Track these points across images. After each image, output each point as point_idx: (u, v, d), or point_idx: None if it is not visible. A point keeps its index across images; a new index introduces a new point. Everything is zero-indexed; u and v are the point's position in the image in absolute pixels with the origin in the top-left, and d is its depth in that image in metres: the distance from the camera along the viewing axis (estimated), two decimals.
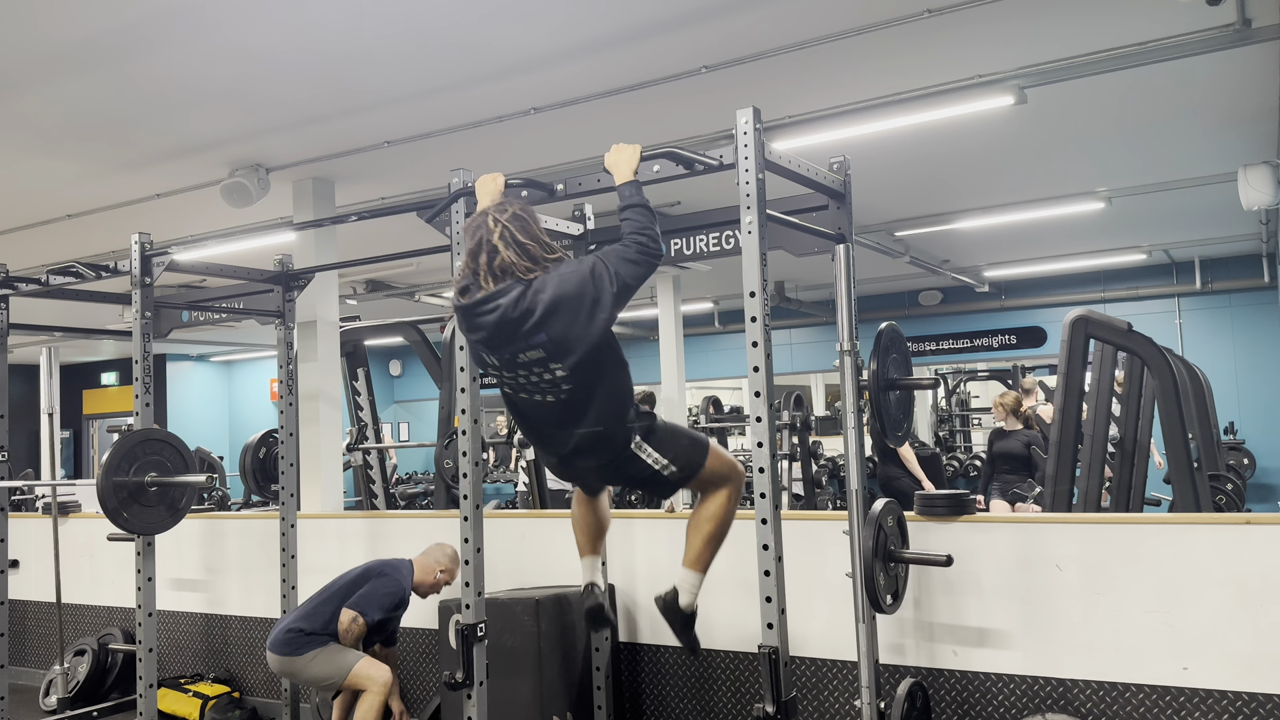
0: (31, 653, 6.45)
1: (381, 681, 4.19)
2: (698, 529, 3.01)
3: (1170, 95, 5.49)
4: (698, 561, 3.01)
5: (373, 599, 4.32)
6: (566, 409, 2.81)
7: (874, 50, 4.60)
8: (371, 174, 6.33)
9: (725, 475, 3.03)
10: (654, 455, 2.93)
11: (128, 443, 4.19)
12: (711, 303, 13.01)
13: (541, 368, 2.76)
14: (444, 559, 4.51)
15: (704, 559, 3.02)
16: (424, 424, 15.81)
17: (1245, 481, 8.81)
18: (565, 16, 4.17)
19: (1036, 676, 3.58)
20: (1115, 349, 5.18)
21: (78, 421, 16.94)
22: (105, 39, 4.22)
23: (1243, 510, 6.88)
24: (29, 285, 4.75)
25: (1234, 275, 10.87)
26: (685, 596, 3.02)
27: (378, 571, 4.42)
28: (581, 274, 2.75)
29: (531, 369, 2.78)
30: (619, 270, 2.75)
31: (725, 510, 3.02)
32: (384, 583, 4.37)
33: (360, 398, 7.34)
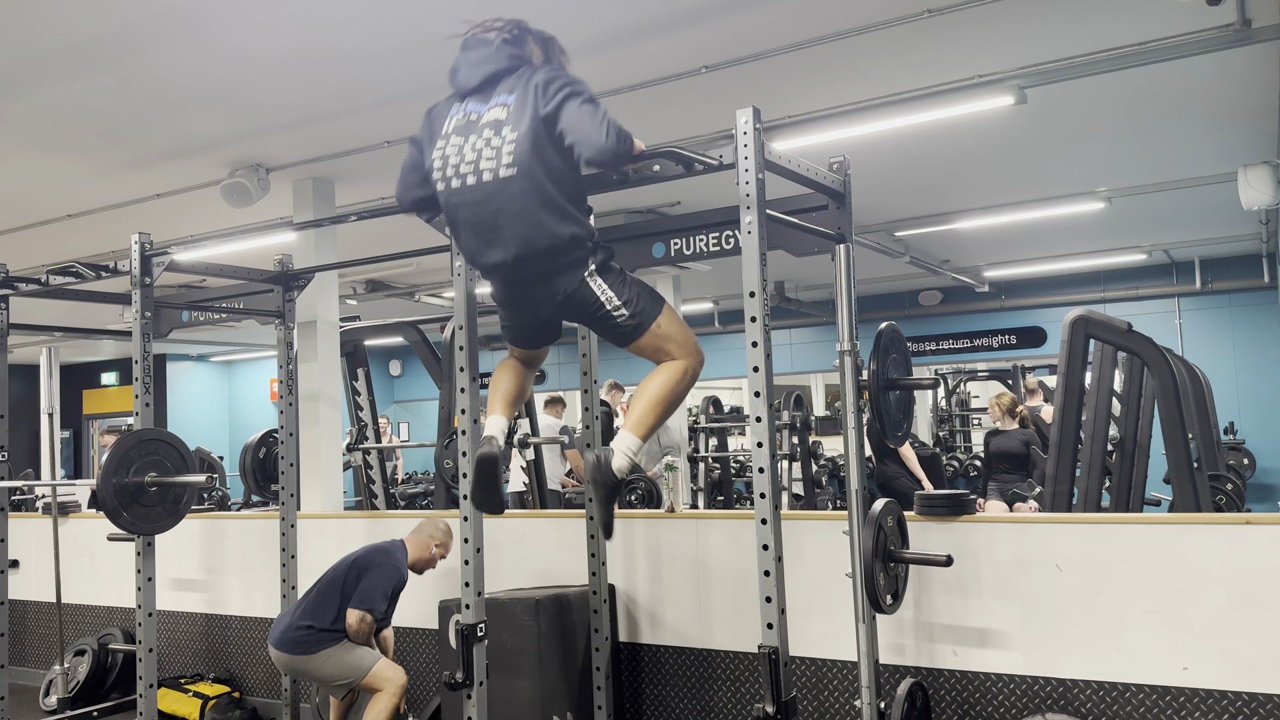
0: (31, 653, 6.45)
1: (399, 684, 4.18)
2: (644, 392, 2.88)
3: (1170, 95, 5.49)
4: (638, 425, 2.86)
5: (376, 591, 4.27)
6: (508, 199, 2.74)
7: (874, 50, 4.60)
8: (371, 174, 6.34)
9: (683, 344, 2.91)
10: (607, 291, 2.83)
11: (127, 443, 4.19)
12: (711, 303, 13.02)
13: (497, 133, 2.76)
14: (438, 533, 4.48)
15: (645, 424, 2.86)
16: (424, 424, 15.81)
17: (1245, 481, 8.80)
18: (565, 16, 4.17)
19: (1036, 676, 3.58)
20: (1115, 349, 5.18)
21: (78, 421, 16.94)
22: (105, 39, 4.22)
23: (1243, 510, 6.88)
24: (29, 285, 4.75)
25: (1234, 275, 10.87)
26: (619, 459, 2.84)
27: (374, 560, 4.36)
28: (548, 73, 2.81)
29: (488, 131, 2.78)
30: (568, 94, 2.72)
31: (679, 380, 2.88)
32: (384, 572, 4.32)
33: (360, 398, 7.34)
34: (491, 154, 2.78)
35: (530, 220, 2.75)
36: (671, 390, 2.88)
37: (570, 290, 2.83)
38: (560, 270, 2.81)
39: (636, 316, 2.87)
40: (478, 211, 2.82)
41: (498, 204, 2.77)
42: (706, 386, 14.22)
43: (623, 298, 2.85)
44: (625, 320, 2.86)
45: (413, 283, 10.56)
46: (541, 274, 2.83)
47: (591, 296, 2.84)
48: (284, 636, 4.28)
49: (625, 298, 2.85)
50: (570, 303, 2.86)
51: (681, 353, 2.92)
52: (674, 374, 2.89)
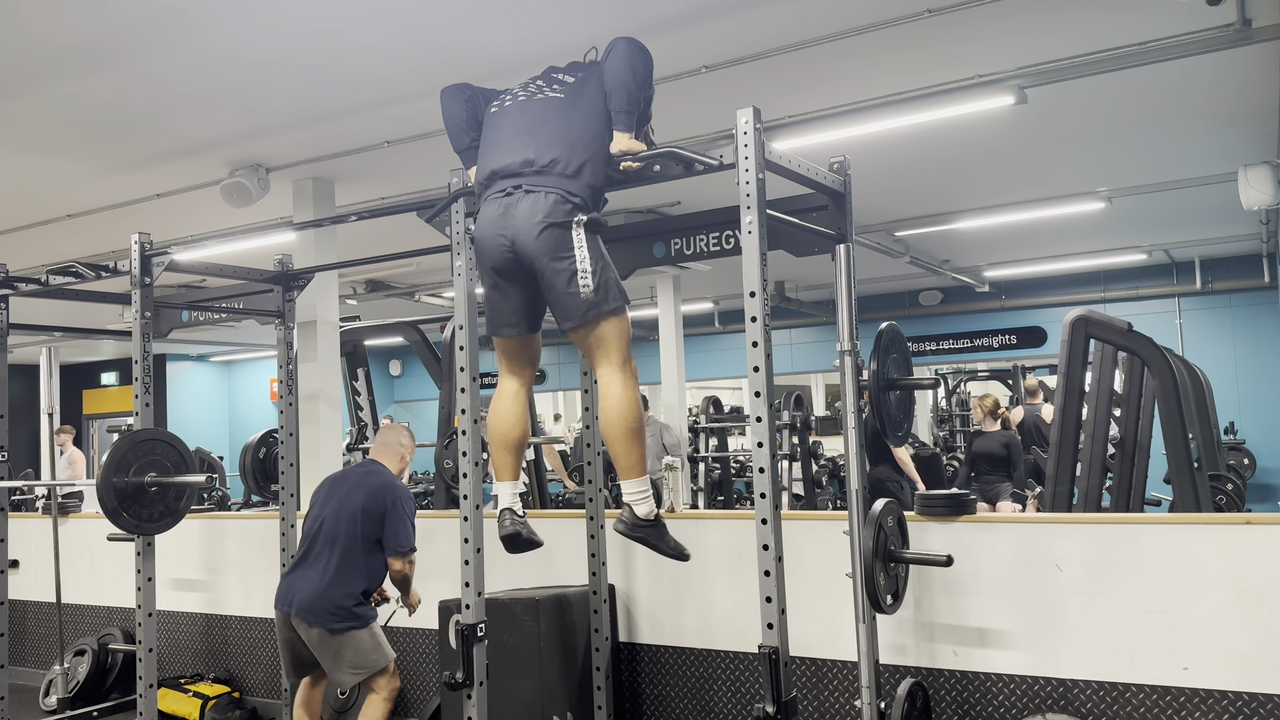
0: (31, 653, 6.45)
1: (393, 689, 4.07)
2: (615, 433, 2.82)
3: (1170, 95, 5.49)
4: (631, 467, 2.84)
5: (405, 529, 4.10)
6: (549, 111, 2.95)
7: (874, 50, 4.60)
8: (371, 174, 6.34)
9: (623, 352, 2.86)
10: (583, 249, 2.81)
11: (127, 443, 4.19)
12: (711, 303, 13.02)
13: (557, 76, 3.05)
14: (407, 440, 4.37)
15: (636, 460, 2.83)
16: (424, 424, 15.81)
17: (1245, 481, 8.81)
18: (565, 16, 4.17)
19: (1036, 676, 3.58)
20: (1115, 349, 5.18)
21: (78, 421, 16.94)
22: (105, 39, 4.22)
23: (1243, 510, 6.88)
24: (29, 285, 4.75)
25: (1234, 275, 10.87)
26: (641, 507, 2.84)
27: (383, 500, 4.12)
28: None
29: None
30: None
31: (632, 399, 2.83)
32: (400, 507, 4.12)
33: (360, 398, 7.35)
34: (549, 86, 3.03)
35: (561, 129, 2.89)
36: (632, 415, 2.84)
37: (553, 221, 2.80)
38: (555, 195, 2.82)
39: (599, 293, 2.81)
40: (521, 116, 2.99)
41: (541, 112, 2.95)
42: (706, 386, 14.23)
43: (594, 267, 2.81)
44: (587, 291, 2.79)
45: (413, 283, 10.56)
46: (540, 187, 2.84)
47: (567, 243, 2.80)
48: (316, 606, 3.96)
49: (595, 269, 2.81)
50: (546, 240, 2.80)
51: (619, 359, 2.87)
52: (624, 398, 2.84)
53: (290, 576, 4.10)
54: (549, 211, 2.82)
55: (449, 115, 3.22)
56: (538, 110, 2.97)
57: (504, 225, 2.88)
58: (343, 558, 4.04)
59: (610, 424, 2.84)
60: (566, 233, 2.81)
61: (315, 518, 4.15)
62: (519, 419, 3.10)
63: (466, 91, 3.22)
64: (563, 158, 2.86)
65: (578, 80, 3.03)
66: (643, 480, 2.84)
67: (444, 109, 3.23)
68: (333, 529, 4.08)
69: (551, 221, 2.81)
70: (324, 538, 4.09)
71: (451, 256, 3.40)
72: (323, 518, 4.12)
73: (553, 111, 2.95)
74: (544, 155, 2.87)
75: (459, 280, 3.36)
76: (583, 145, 2.90)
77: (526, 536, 3.07)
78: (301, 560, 4.11)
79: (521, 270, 2.92)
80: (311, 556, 4.09)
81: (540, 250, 2.82)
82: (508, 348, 3.11)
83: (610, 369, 2.87)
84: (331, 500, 4.15)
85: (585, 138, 2.91)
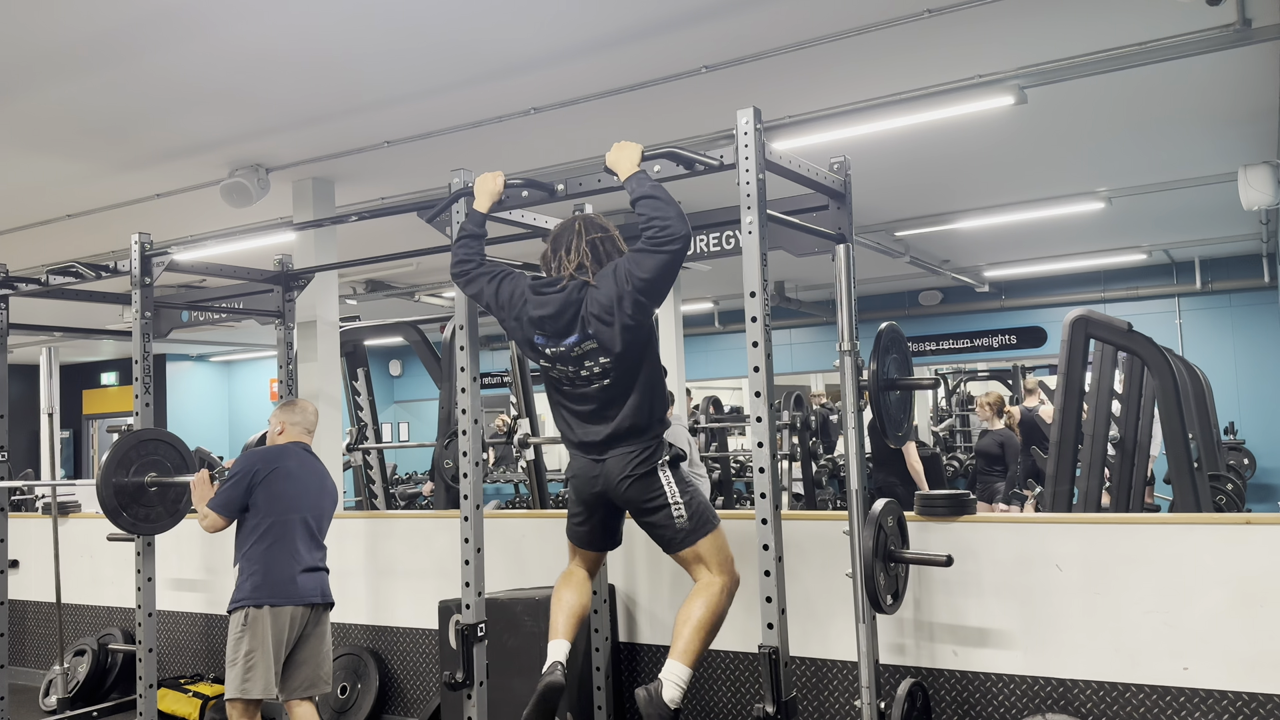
0: (31, 653, 6.45)
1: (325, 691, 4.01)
2: (689, 617, 2.91)
3: (1170, 95, 5.49)
4: (686, 653, 2.87)
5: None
6: (607, 396, 2.97)
7: (874, 50, 4.60)
8: (371, 174, 6.34)
9: (724, 565, 2.99)
10: (673, 488, 2.96)
11: (127, 443, 4.19)
12: (711, 303, 13.02)
13: (592, 361, 2.95)
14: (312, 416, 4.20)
15: (693, 651, 2.88)
16: (424, 424, 15.81)
17: (1245, 481, 8.81)
18: (565, 16, 4.17)
19: (1036, 676, 3.58)
20: (1115, 349, 5.18)
21: (78, 421, 16.94)
22: (105, 39, 4.22)
23: (1243, 510, 6.88)
24: (29, 285, 4.75)
25: (1234, 275, 10.87)
26: (671, 690, 2.83)
27: (327, 477, 4.12)
28: (611, 274, 2.93)
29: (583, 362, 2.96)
30: (633, 270, 2.88)
31: (721, 603, 2.95)
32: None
33: (360, 398, 7.35)
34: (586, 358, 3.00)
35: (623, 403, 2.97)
36: (715, 615, 2.94)
37: (641, 473, 2.95)
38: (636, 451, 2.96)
39: (693, 520, 2.96)
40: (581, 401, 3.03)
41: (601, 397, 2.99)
42: (707, 386, 14.23)
43: (684, 499, 2.95)
44: (681, 522, 2.95)
45: (413, 283, 10.56)
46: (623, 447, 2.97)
47: (657, 485, 2.96)
48: (320, 584, 3.90)
49: (685, 499, 2.96)
50: (636, 489, 2.96)
51: (720, 572, 2.98)
52: (716, 597, 2.95)
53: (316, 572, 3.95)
54: (635, 466, 2.96)
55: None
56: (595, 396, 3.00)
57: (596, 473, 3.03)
58: (314, 538, 4.00)
59: (691, 609, 2.94)
60: (654, 477, 2.96)
61: (298, 507, 3.93)
62: (586, 596, 3.25)
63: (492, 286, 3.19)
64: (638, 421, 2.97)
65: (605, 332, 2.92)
66: (688, 672, 2.89)
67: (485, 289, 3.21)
68: (302, 513, 3.95)
69: (639, 474, 2.96)
70: (320, 530, 4.02)
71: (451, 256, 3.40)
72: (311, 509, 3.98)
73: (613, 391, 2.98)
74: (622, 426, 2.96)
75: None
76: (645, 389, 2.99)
77: (559, 697, 3.09)
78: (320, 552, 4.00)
79: (613, 506, 3.11)
80: (324, 548, 4.03)
81: (632, 498, 3.00)
82: (584, 555, 3.27)
83: (711, 576, 2.98)
84: (308, 494, 3.99)
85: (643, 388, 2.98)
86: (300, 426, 4.12)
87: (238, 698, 3.78)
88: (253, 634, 3.77)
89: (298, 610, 3.83)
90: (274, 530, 3.84)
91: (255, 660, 3.75)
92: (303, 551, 3.89)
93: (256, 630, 3.77)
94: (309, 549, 3.92)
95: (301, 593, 3.84)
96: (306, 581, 3.86)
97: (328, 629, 4.00)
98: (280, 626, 3.81)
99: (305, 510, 3.94)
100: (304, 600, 3.84)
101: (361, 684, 4.99)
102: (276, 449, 4.02)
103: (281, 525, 3.86)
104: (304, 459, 4.04)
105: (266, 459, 3.93)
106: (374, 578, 5.16)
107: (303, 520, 3.92)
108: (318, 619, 3.93)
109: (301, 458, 4.03)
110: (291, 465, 3.96)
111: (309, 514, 3.96)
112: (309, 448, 4.11)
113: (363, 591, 5.18)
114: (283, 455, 3.98)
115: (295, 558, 3.86)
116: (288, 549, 3.85)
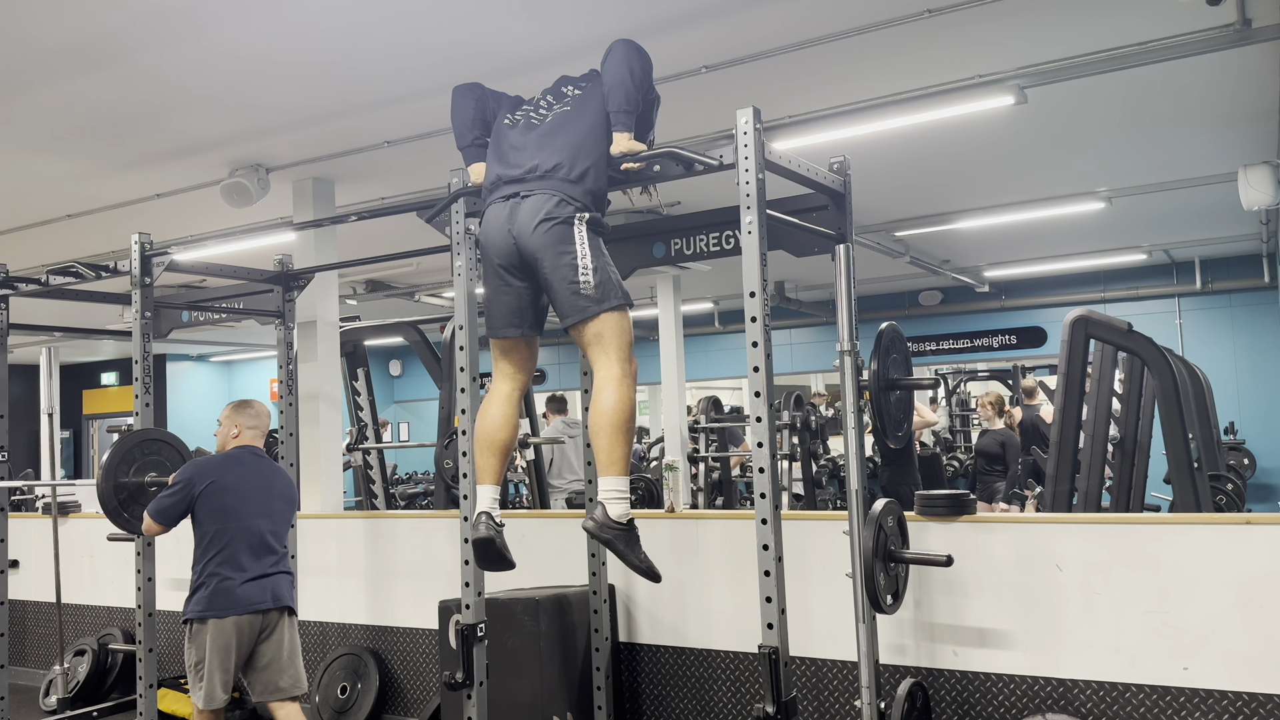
0: (31, 653, 6.46)
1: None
2: (601, 426, 2.77)
3: (1171, 95, 5.49)
4: (613, 463, 2.77)
5: None
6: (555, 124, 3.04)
7: (874, 50, 4.60)
8: (371, 174, 6.33)
9: (623, 350, 2.84)
10: (585, 250, 2.83)
11: (128, 443, 4.19)
12: (711, 303, 13.01)
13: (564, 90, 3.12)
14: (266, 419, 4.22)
15: (619, 457, 2.78)
16: (424, 424, 15.81)
17: (1245, 481, 8.81)
18: (565, 16, 4.17)
19: (1036, 676, 3.58)
20: (1115, 349, 5.18)
21: (78, 421, 16.94)
22: (105, 39, 4.22)
23: (1243, 510, 6.88)
24: (29, 285, 4.75)
25: (1234, 275, 10.87)
26: (615, 507, 2.78)
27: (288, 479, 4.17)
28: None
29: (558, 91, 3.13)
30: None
31: (626, 396, 2.79)
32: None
33: (360, 398, 7.35)
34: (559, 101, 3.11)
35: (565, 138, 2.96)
36: (621, 411, 2.79)
37: (556, 217, 2.84)
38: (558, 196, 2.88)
39: (600, 289, 2.82)
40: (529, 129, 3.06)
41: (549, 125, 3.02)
42: (706, 386, 14.23)
43: (594, 264, 2.83)
44: (587, 287, 2.80)
45: (413, 283, 10.56)
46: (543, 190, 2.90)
47: (569, 238, 2.84)
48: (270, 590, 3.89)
49: (596, 265, 2.83)
50: (548, 235, 2.83)
51: (618, 356, 2.84)
52: (617, 394, 2.80)
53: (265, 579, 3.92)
54: (552, 210, 2.87)
55: (457, 110, 3.29)
56: (545, 124, 3.06)
57: (509, 223, 2.92)
58: (277, 539, 4.01)
59: (597, 415, 2.80)
60: (569, 228, 2.85)
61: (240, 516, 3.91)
62: (507, 422, 3.06)
63: (477, 91, 3.30)
64: (566, 163, 2.93)
65: (584, 91, 3.10)
66: (621, 480, 2.79)
67: (454, 104, 3.30)
68: (268, 518, 3.99)
69: (554, 218, 2.86)
70: (273, 535, 3.99)
71: (451, 256, 3.40)
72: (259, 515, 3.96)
73: (559, 123, 3.03)
74: (548, 162, 2.94)
75: (459, 280, 3.37)
76: (585, 151, 2.96)
77: (499, 547, 2.98)
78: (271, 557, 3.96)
79: (525, 267, 2.94)
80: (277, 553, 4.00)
81: (542, 244, 2.85)
82: (505, 348, 3.10)
83: (608, 366, 2.84)
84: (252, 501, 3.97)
85: (588, 144, 2.98)
86: (255, 430, 4.14)
87: (194, 704, 3.86)
88: (198, 646, 3.81)
89: (243, 619, 3.83)
90: (216, 542, 3.86)
91: (204, 671, 3.80)
92: (246, 561, 3.88)
93: (201, 642, 3.80)
94: (255, 557, 3.91)
95: (245, 602, 3.84)
96: (251, 591, 3.86)
97: (290, 631, 3.97)
98: (226, 637, 3.80)
99: (250, 518, 3.92)
100: (249, 609, 3.84)
101: (361, 684, 4.99)
102: (219, 459, 4.03)
103: (224, 537, 3.87)
104: (251, 465, 4.03)
105: (202, 472, 3.93)
106: (374, 578, 5.16)
107: (246, 529, 3.90)
108: (272, 623, 3.92)
109: (248, 464, 4.03)
110: (232, 476, 3.95)
111: (255, 520, 3.93)
112: (259, 451, 4.12)
113: (363, 591, 5.18)
114: (224, 466, 3.98)
115: (239, 569, 3.86)
116: (231, 561, 3.86)
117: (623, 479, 2.79)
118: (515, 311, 3.02)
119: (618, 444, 2.77)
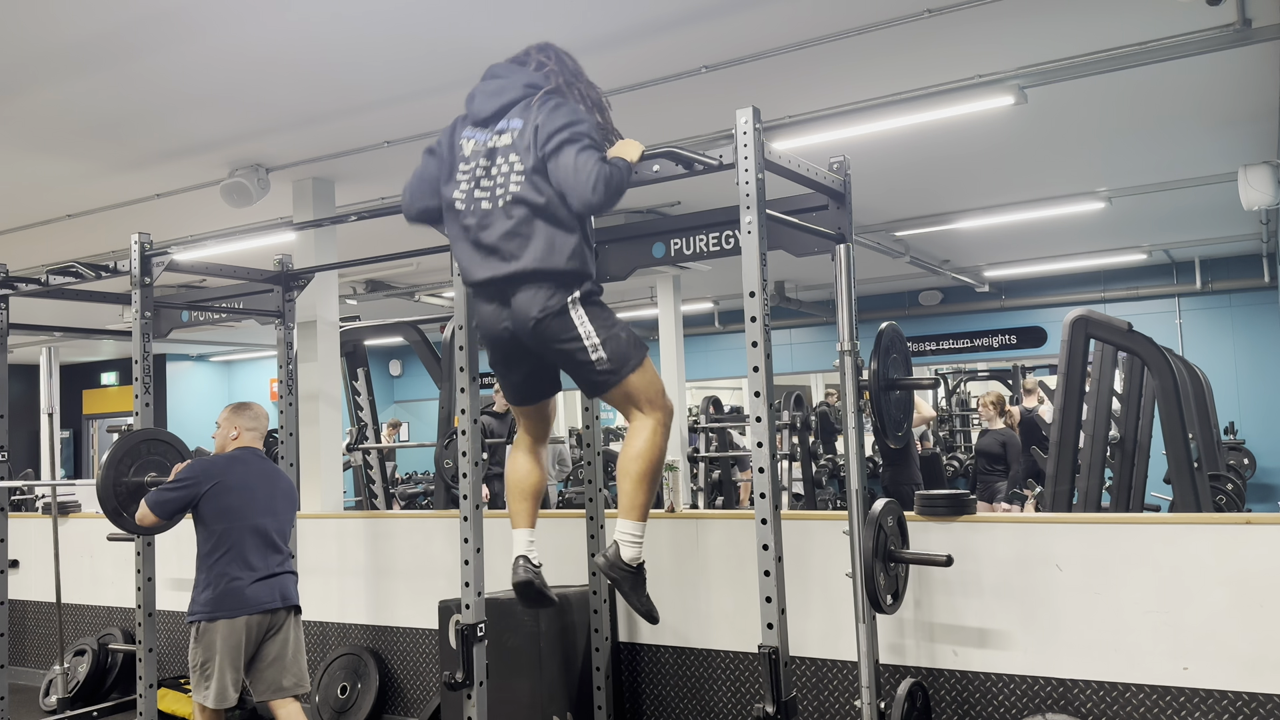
0: (31, 653, 6.45)
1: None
2: (627, 471, 2.82)
3: (1170, 95, 5.49)
4: (634, 509, 2.82)
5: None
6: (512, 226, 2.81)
7: (874, 50, 4.60)
8: (371, 174, 6.34)
9: (653, 400, 2.86)
10: (589, 329, 2.79)
11: (128, 443, 4.19)
12: (711, 303, 13.02)
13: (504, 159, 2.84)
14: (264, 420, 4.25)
15: (640, 504, 2.82)
16: (424, 424, 15.81)
17: (1245, 481, 8.81)
18: (565, 16, 4.17)
19: (1036, 676, 3.58)
20: (1115, 349, 5.18)
21: (78, 421, 16.94)
22: (105, 39, 4.22)
23: (1243, 510, 6.88)
24: (29, 285, 4.75)
25: (1234, 275, 10.87)
26: (628, 550, 2.82)
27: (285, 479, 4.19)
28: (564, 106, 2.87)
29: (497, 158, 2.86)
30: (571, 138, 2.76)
31: (655, 445, 2.83)
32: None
33: (360, 398, 7.35)
34: (502, 180, 2.85)
35: (531, 235, 2.80)
36: (653, 459, 2.84)
37: (549, 312, 2.79)
38: (546, 289, 2.80)
39: (614, 360, 2.82)
40: (483, 230, 2.87)
41: (509, 226, 2.82)
42: (706, 386, 14.23)
43: (601, 338, 2.80)
44: (602, 363, 2.80)
45: (413, 283, 10.56)
46: (529, 285, 2.81)
47: (569, 326, 2.80)
48: (278, 589, 3.91)
49: (602, 338, 2.81)
50: (546, 330, 2.80)
51: (651, 409, 2.87)
52: (650, 439, 2.84)
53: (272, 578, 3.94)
54: (542, 306, 2.81)
55: (421, 177, 3.15)
56: (501, 219, 2.84)
57: (506, 320, 2.90)
58: (278, 540, 4.02)
59: (626, 461, 2.85)
60: (566, 318, 2.81)
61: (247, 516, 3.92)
62: (531, 469, 3.16)
63: (429, 163, 3.14)
64: (543, 253, 2.80)
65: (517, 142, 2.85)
66: (639, 525, 2.84)
67: (421, 168, 3.16)
68: (270, 517, 3.99)
69: (549, 311, 2.81)
70: (279, 534, 4.02)
71: (451, 257, 3.40)
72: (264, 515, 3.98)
73: (518, 218, 2.82)
74: (527, 265, 2.80)
75: (459, 280, 3.37)
76: (562, 230, 2.81)
77: (539, 587, 3.07)
78: (278, 556, 3.99)
79: (528, 352, 2.96)
80: (283, 552, 4.03)
81: (545, 339, 2.86)
82: (523, 412, 3.18)
83: (641, 417, 2.89)
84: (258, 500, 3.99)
85: (554, 220, 2.81)
86: (255, 432, 4.16)
87: (198, 704, 3.86)
88: (206, 646, 3.81)
89: (253, 618, 3.85)
90: (224, 542, 3.86)
91: (210, 670, 3.79)
92: (254, 560, 3.89)
93: (210, 642, 3.80)
94: (262, 556, 3.92)
95: (255, 602, 3.85)
96: (259, 590, 3.87)
97: (295, 630, 3.99)
98: (235, 636, 3.81)
99: (256, 517, 3.94)
100: (258, 609, 3.85)
101: (361, 684, 4.99)
102: (225, 459, 4.04)
103: (231, 536, 3.87)
104: (254, 465, 4.05)
105: (208, 472, 3.93)
106: (374, 578, 5.16)
107: (253, 529, 3.91)
108: (280, 622, 3.94)
109: (251, 464, 4.04)
110: (237, 476, 3.96)
111: (262, 520, 3.95)
112: (260, 452, 4.14)
113: (363, 591, 5.18)
114: (229, 466, 3.99)
115: (247, 568, 3.87)
116: (239, 560, 3.86)
117: (640, 524, 2.83)
118: (528, 385, 3.09)
119: (640, 491, 2.83)
